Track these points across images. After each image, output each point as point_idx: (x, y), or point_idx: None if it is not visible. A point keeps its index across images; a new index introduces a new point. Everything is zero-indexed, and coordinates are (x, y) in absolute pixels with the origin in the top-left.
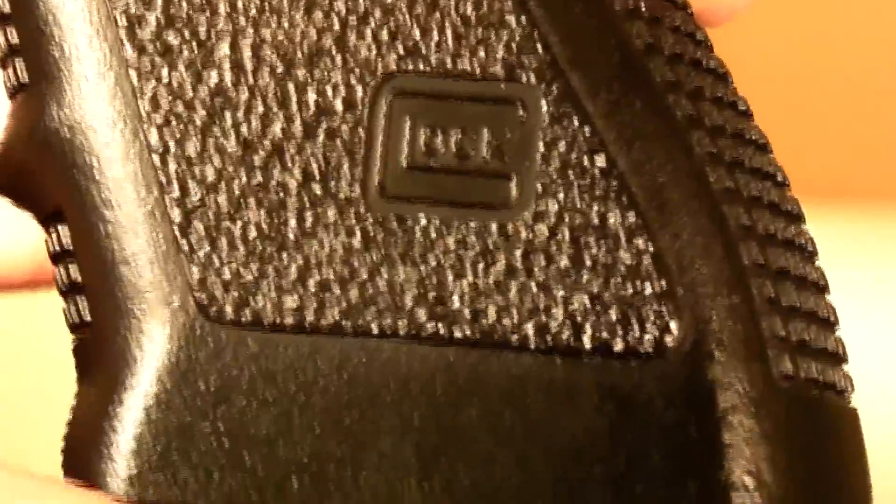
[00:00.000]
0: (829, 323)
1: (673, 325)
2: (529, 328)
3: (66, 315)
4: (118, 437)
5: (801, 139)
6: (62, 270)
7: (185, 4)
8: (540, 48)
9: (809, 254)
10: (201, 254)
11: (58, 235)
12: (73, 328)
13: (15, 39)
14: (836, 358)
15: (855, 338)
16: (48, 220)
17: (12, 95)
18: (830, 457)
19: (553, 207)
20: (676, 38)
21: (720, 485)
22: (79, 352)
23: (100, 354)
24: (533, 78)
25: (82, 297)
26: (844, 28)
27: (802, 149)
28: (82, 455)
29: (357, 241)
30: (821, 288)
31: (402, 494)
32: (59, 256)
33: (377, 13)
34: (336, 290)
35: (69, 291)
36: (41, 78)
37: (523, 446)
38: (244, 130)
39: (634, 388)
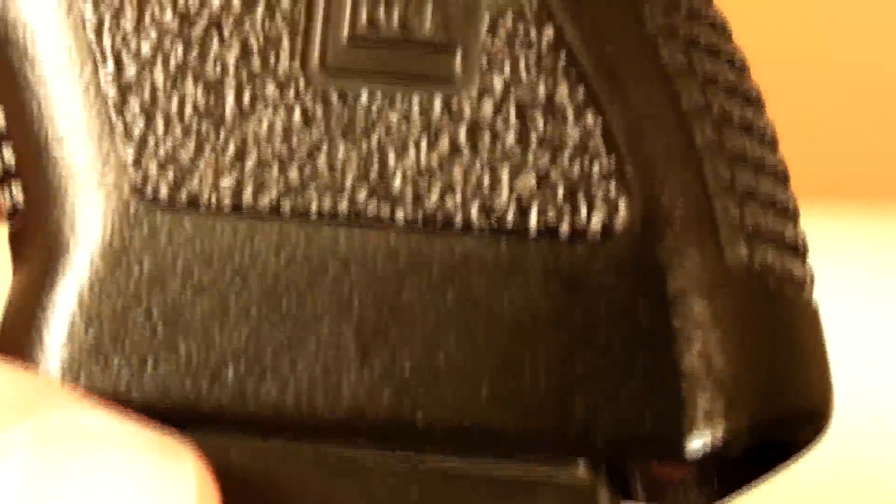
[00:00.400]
0: (789, 212)
1: (622, 205)
2: (473, 209)
3: (1, 203)
4: (49, 321)
5: (802, 139)
6: None
7: None
8: None
9: (770, 142)
10: (136, 132)
11: None
12: (9, 216)
13: None
14: (795, 249)
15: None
16: None
17: None
18: (785, 347)
19: (499, 82)
20: None
21: (669, 369)
22: (13, 240)
23: (33, 239)
24: None
25: (17, 181)
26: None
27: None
28: (15, 342)
29: (297, 117)
30: (781, 176)
31: (342, 379)
32: None
33: None
34: (275, 169)
35: (3, 177)
36: None
37: (466, 327)
38: (181, 3)
39: (582, 269)
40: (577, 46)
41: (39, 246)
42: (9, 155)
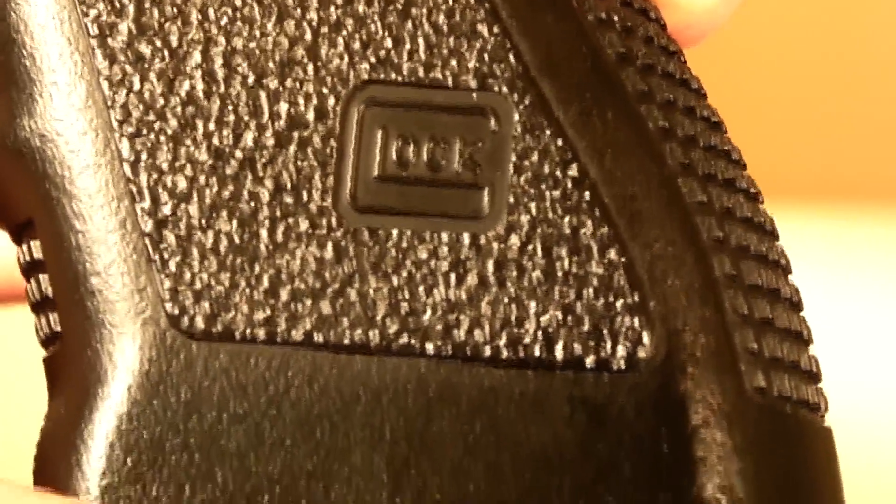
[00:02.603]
0: (803, 339)
1: (645, 338)
2: (501, 341)
3: (36, 329)
4: (88, 450)
5: (802, 140)
6: (34, 284)
7: (156, 13)
8: (512, 58)
9: (783, 269)
10: (172, 265)
11: (29, 248)
12: (44, 342)
13: None
14: (810, 375)
15: (855, 337)
16: (20, 231)
17: None
18: (803, 473)
19: (525, 219)
20: (649, 49)
21: (692, 499)
22: (49, 365)
23: (70, 367)
24: (505, 88)
25: (53, 311)
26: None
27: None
28: (53, 469)
29: (329, 252)
30: (795, 304)
31: None
32: (30, 269)
33: (349, 22)
34: (307, 302)
35: (40, 305)
36: (11, 86)
37: (494, 458)
38: (216, 140)
39: (606, 400)
40: (600, 185)
41: (77, 375)
42: (46, 285)
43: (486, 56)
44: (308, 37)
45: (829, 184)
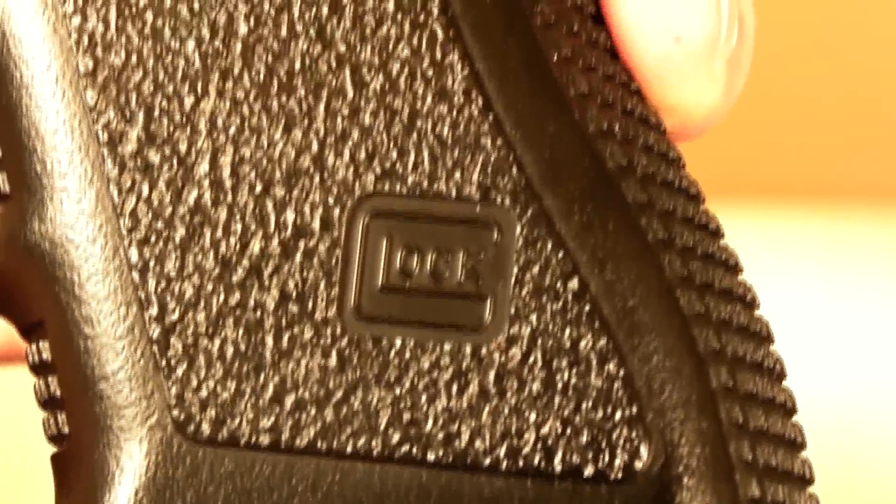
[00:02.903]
0: (797, 445)
1: (642, 450)
2: (501, 451)
3: (44, 426)
4: None
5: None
6: (42, 383)
7: (165, 121)
8: (515, 170)
9: (778, 376)
10: (179, 372)
11: (38, 348)
12: (52, 439)
13: None
14: (803, 480)
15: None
16: (29, 331)
17: None
18: None
19: (526, 331)
20: (649, 158)
21: None
22: (57, 462)
23: (78, 468)
24: (508, 200)
25: (62, 411)
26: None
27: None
28: None
29: (333, 361)
30: (788, 410)
31: None
32: (38, 368)
33: (355, 133)
34: (312, 410)
35: (48, 403)
36: (23, 190)
37: None
38: (223, 249)
39: None
40: (600, 298)
41: (84, 477)
42: (54, 386)
43: (489, 168)
44: (315, 147)
45: (829, 184)
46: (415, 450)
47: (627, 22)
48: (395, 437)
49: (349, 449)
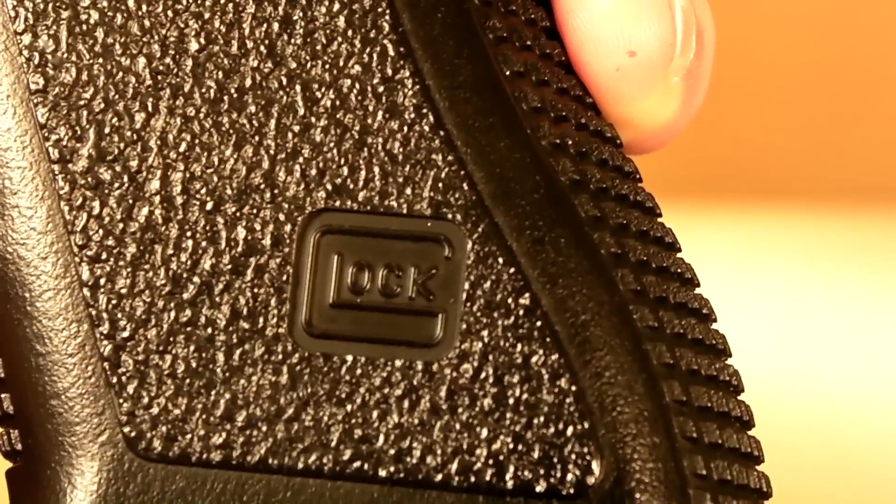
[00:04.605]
0: (753, 457)
1: (594, 466)
2: (453, 467)
3: None
4: None
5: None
6: None
7: (116, 138)
8: (466, 186)
9: (734, 388)
10: (130, 389)
11: None
12: (6, 455)
13: None
14: (760, 493)
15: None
16: None
17: None
18: None
19: (477, 347)
20: (603, 172)
21: None
22: (11, 478)
23: (31, 485)
24: (459, 216)
25: (14, 428)
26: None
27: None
28: None
29: (284, 378)
30: (745, 423)
31: None
32: None
33: (306, 150)
34: (263, 427)
35: (2, 420)
36: None
37: None
38: (173, 266)
39: None
40: (552, 314)
41: (37, 493)
42: (7, 403)
43: (440, 184)
44: (265, 163)
45: (829, 184)
46: (366, 466)
47: (582, 36)
48: (347, 454)
49: (300, 465)
